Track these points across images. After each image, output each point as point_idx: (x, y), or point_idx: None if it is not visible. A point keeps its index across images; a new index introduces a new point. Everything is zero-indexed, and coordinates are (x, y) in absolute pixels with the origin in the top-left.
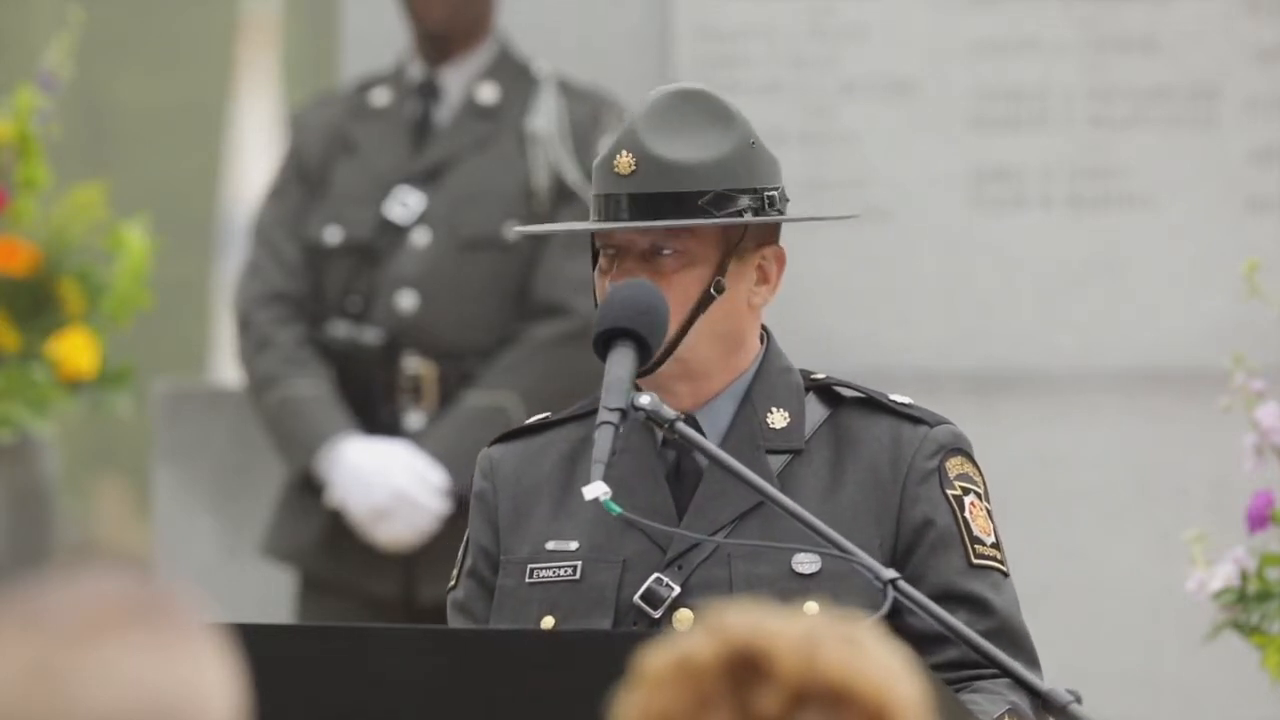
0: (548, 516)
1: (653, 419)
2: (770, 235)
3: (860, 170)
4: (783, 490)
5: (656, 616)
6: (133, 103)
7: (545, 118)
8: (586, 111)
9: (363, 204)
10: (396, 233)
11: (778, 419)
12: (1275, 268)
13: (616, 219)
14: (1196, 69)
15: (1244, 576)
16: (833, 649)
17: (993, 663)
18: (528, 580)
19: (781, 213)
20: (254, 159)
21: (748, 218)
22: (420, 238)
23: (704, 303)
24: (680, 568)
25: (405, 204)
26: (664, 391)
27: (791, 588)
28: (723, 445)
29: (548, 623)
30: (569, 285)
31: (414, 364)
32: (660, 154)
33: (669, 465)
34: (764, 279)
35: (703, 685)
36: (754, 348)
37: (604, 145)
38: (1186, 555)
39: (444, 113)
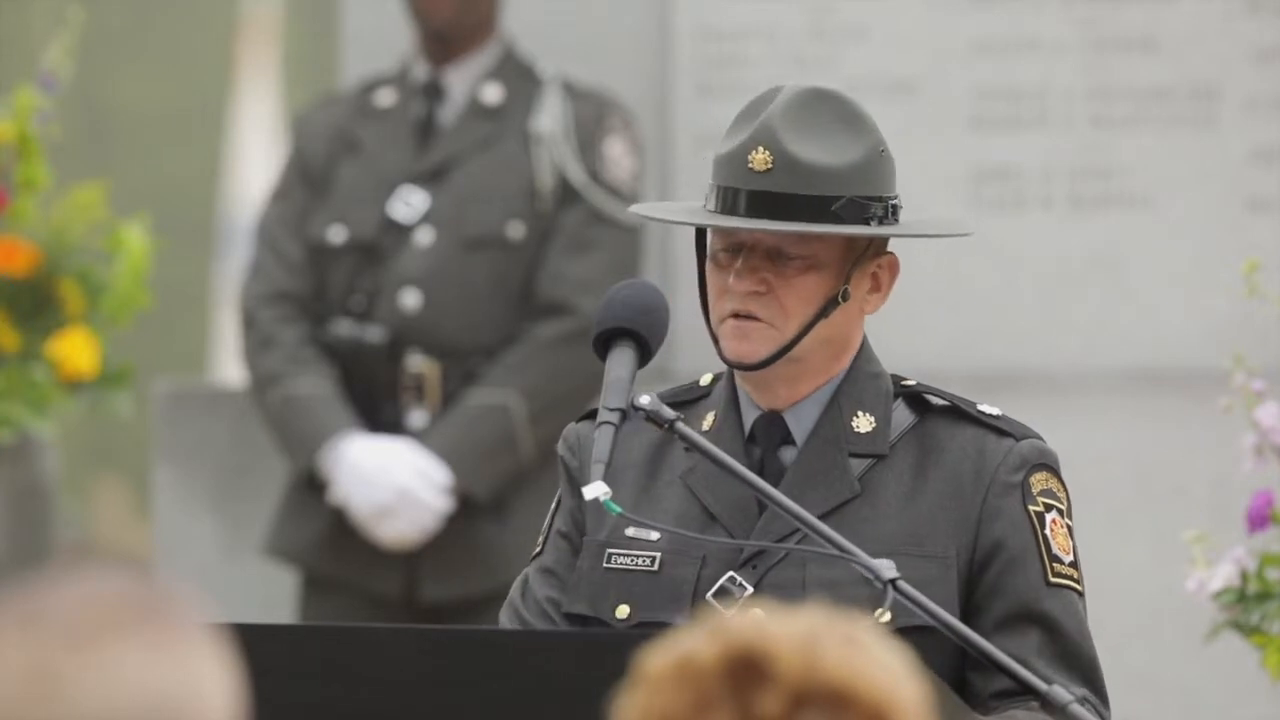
0: (630, 502)
1: (652, 419)
2: (884, 244)
3: None
4: (863, 494)
5: None
6: (133, 103)
7: (550, 118)
8: (590, 112)
9: (367, 203)
10: (400, 232)
11: (863, 423)
12: (1275, 268)
13: (746, 214)
14: (1196, 69)
15: (1244, 576)
16: (834, 650)
17: (993, 663)
18: (605, 565)
19: (898, 220)
20: (254, 159)
21: (876, 228)
22: (424, 237)
23: (827, 309)
24: (755, 567)
25: (409, 203)
26: (764, 388)
27: (863, 594)
28: (806, 446)
29: (623, 611)
30: (572, 285)
31: (417, 363)
32: (798, 154)
33: (754, 463)
34: (876, 287)
35: (703, 686)
36: (854, 353)
37: (727, 138)
38: (1186, 555)
39: (448, 113)
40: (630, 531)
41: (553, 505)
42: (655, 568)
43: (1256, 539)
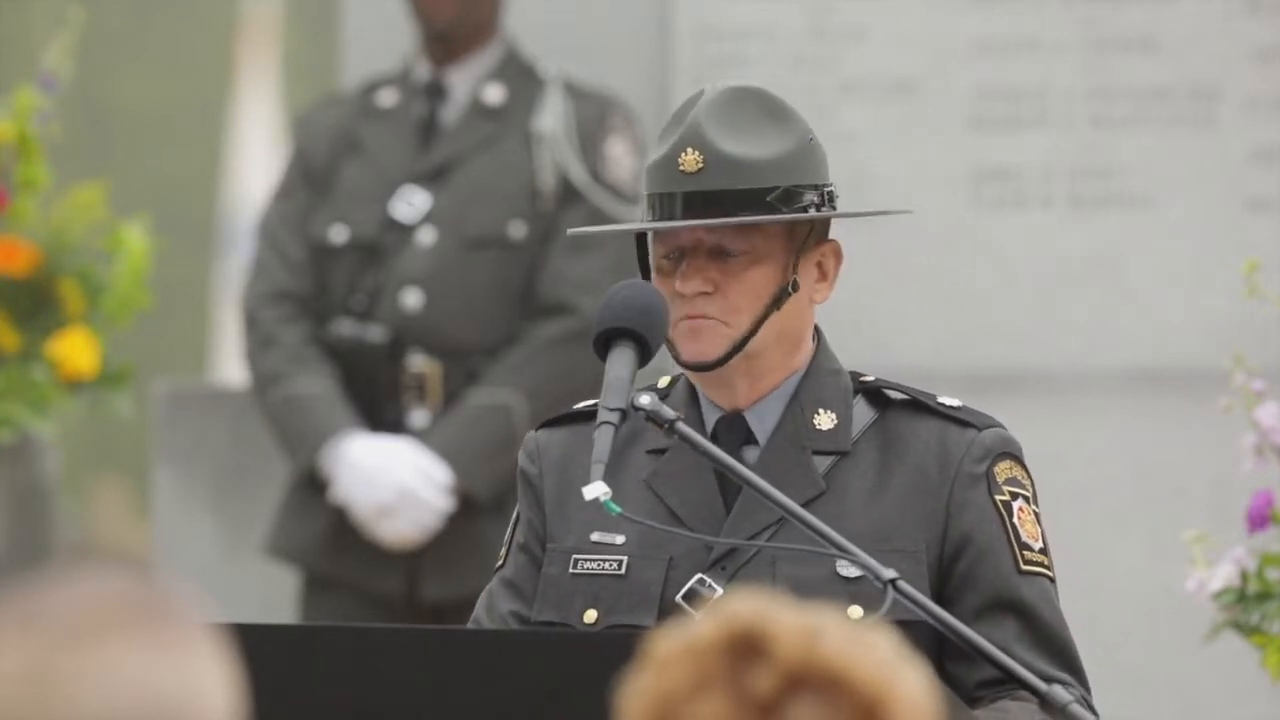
0: (594, 507)
1: (652, 419)
2: (826, 232)
3: (860, 170)
4: (829, 491)
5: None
6: (133, 103)
7: (551, 118)
8: (592, 113)
9: (369, 203)
10: (402, 231)
11: (824, 420)
12: (1275, 268)
13: (682, 217)
14: (1196, 69)
15: (1244, 576)
16: (834, 638)
17: (993, 663)
18: (572, 570)
19: (835, 208)
20: (254, 159)
21: (814, 213)
22: (426, 237)
23: (778, 300)
24: (724, 568)
25: (411, 203)
26: (725, 387)
27: (835, 591)
28: (769, 444)
29: (590, 616)
30: (573, 285)
31: (419, 362)
32: (728, 151)
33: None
34: (823, 276)
35: (704, 664)
36: (809, 347)
37: (657, 145)
38: (1186, 555)
39: (450, 113)
40: (595, 536)
41: (513, 516)
42: (622, 571)
43: (1256, 539)
